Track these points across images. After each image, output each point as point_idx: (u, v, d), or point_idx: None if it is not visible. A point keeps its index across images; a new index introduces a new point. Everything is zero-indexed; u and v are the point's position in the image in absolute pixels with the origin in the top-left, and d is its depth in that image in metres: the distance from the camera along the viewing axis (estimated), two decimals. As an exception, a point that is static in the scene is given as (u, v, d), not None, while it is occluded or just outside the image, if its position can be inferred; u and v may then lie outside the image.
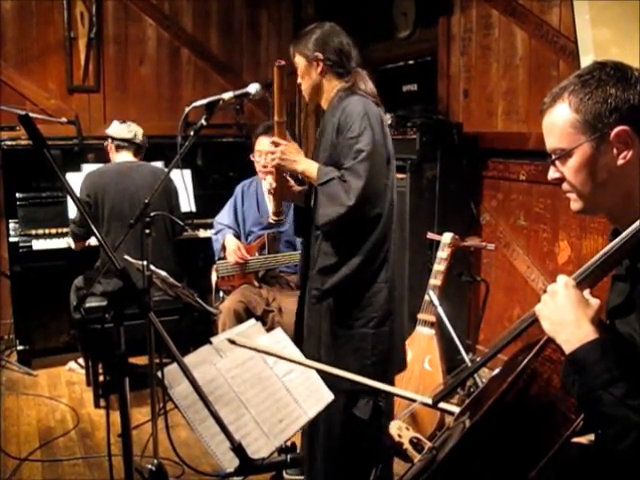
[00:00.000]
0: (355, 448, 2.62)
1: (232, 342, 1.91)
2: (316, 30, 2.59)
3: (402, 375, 3.37)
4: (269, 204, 3.92)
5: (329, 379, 2.31)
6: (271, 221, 2.69)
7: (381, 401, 2.56)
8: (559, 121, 1.39)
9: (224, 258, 3.87)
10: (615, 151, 1.35)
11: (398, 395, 2.16)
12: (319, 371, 2.06)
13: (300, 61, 2.60)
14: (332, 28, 2.61)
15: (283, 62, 2.40)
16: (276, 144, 2.50)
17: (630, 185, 1.37)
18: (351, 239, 2.48)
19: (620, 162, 1.35)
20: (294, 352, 2.15)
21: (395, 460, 3.05)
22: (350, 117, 2.43)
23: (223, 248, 3.87)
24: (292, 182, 2.61)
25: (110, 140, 3.96)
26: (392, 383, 2.62)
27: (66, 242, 4.14)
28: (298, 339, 2.66)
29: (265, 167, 3.74)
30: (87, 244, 3.98)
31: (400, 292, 2.68)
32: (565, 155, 1.39)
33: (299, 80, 2.64)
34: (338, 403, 2.46)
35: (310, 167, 2.49)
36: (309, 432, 2.73)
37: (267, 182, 2.61)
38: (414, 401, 1.82)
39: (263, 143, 3.73)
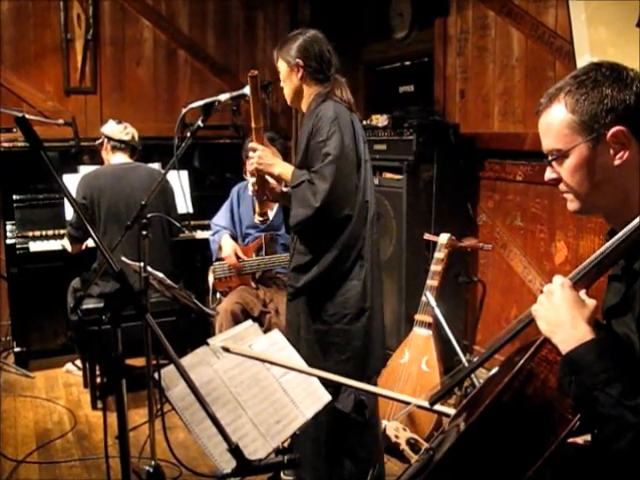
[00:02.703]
0: (347, 445, 2.64)
1: (226, 350, 1.91)
2: (299, 37, 2.67)
3: (400, 376, 3.38)
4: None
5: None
6: (256, 222, 2.82)
7: (362, 395, 2.60)
8: (555, 122, 1.39)
9: (221, 259, 3.87)
10: (611, 151, 1.35)
11: (394, 399, 2.15)
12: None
13: (282, 66, 2.68)
14: (315, 36, 2.69)
15: (256, 72, 2.49)
16: (254, 149, 2.59)
17: (627, 185, 1.37)
18: (322, 239, 2.56)
19: (617, 162, 1.35)
20: (291, 354, 2.16)
21: (392, 461, 3.06)
22: (321, 121, 2.51)
23: (220, 249, 3.87)
24: (275, 183, 2.68)
25: (106, 140, 3.95)
26: (370, 379, 2.66)
27: (61, 245, 4.13)
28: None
29: None
30: (84, 247, 3.98)
31: (379, 290, 2.72)
32: (562, 156, 1.39)
33: (281, 84, 2.73)
34: None
35: (285, 170, 2.59)
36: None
37: (250, 185, 2.75)
38: (409, 404, 1.83)
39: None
